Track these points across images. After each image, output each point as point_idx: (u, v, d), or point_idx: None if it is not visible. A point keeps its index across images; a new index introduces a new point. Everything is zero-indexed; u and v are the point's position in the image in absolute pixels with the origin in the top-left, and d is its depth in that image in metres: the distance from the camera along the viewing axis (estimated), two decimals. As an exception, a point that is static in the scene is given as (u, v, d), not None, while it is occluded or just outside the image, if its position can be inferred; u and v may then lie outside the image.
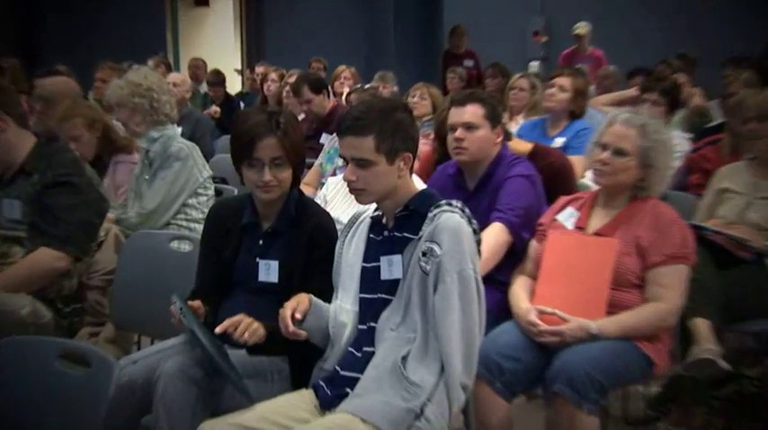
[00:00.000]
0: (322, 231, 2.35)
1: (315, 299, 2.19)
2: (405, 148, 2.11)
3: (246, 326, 2.13)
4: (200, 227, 3.48)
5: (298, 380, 2.24)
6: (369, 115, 2.07)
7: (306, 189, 3.95)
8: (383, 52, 8.91)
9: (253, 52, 11.12)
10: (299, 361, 2.27)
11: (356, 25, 9.75)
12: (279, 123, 2.27)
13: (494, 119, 2.93)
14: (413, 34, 8.93)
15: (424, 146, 4.30)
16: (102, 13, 10.81)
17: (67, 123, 3.58)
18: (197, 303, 2.24)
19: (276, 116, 2.29)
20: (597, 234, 2.62)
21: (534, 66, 8.86)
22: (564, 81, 4.24)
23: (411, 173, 2.18)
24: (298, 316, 2.09)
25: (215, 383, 2.12)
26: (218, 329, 2.13)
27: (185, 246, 3.07)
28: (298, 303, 2.13)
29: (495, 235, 2.79)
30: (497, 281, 2.77)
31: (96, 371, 1.94)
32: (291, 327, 2.08)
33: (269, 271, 2.34)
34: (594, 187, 2.86)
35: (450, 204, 2.08)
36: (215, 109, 6.98)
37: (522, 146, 3.35)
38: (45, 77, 4.22)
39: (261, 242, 2.38)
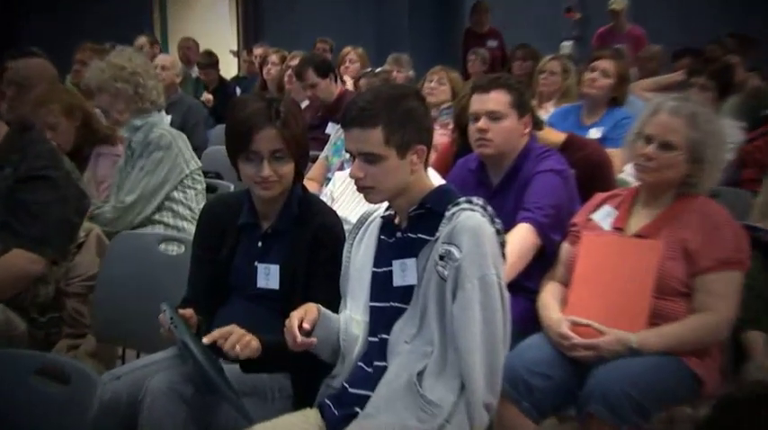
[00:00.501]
0: (328, 232, 2.35)
1: (324, 310, 2.20)
2: (418, 140, 2.11)
3: (238, 339, 2.11)
4: (189, 225, 3.50)
5: (302, 399, 2.25)
6: (376, 104, 2.07)
7: (310, 185, 3.96)
8: (396, 32, 8.92)
9: (250, 31, 11.14)
10: (304, 377, 2.28)
11: (366, 1, 9.76)
12: (279, 112, 2.28)
13: (521, 107, 2.93)
14: (430, 11, 8.95)
15: (442, 137, 4.31)
16: (81, -14, 10.87)
17: (43, 109, 3.58)
18: (189, 312, 2.25)
19: (276, 104, 2.30)
20: (638, 235, 2.61)
21: (567, 46, 8.84)
22: (607, 65, 4.23)
23: (426, 167, 2.18)
24: (306, 326, 2.09)
25: (208, 401, 2.13)
26: (205, 340, 2.12)
27: (176, 248, 3.09)
28: (306, 312, 2.14)
29: (522, 236, 2.79)
30: (524, 288, 2.77)
31: (76, 389, 1.94)
32: (300, 338, 2.07)
33: (269, 276, 2.35)
34: (635, 183, 2.85)
35: (470, 202, 2.08)
36: (207, 97, 7.00)
37: (553, 136, 3.34)
38: (18, 59, 4.23)
39: (260, 244, 2.39)
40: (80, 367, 1.98)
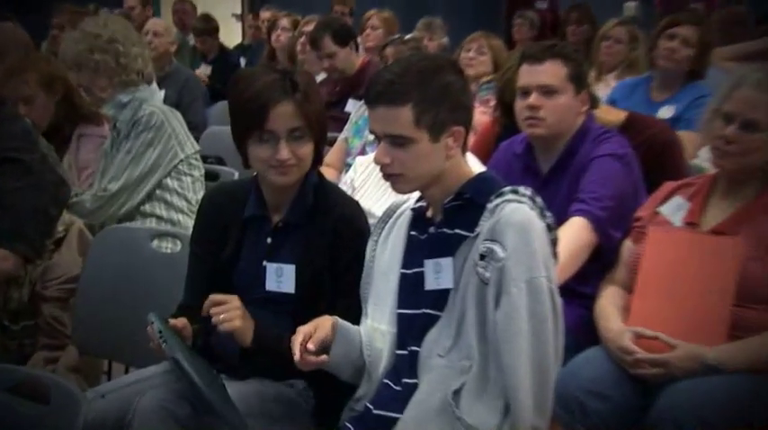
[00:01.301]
0: (349, 226, 2.37)
1: (342, 323, 2.21)
2: (454, 121, 2.11)
3: (228, 310, 2.19)
4: (185, 219, 3.53)
5: (322, 422, 2.26)
6: (405, 78, 2.08)
7: (327, 172, 3.97)
8: (428, -9, 8.91)
9: (257, -8, 11.18)
10: (324, 395, 2.29)
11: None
12: (296, 84, 2.29)
13: (579, 80, 2.93)
14: (468, -33, 8.92)
15: (483, 115, 4.31)
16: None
17: (16, 79, 3.59)
18: (181, 322, 2.27)
19: (291, 75, 2.31)
20: (715, 232, 2.60)
21: (630, 7, 8.77)
22: (688, 31, 4.21)
23: (464, 152, 2.18)
24: (310, 346, 2.11)
25: (205, 422, 2.14)
26: (204, 308, 2.20)
27: (170, 246, 3.10)
28: (316, 328, 2.15)
29: (576, 233, 2.79)
30: (579, 293, 2.77)
31: (58, 409, 1.94)
32: (299, 356, 2.10)
33: (281, 277, 2.36)
34: (711, 170, 2.83)
35: (516, 192, 2.08)
36: (203, 72, 6.98)
37: (612, 114, 3.33)
38: None
39: (269, 240, 2.40)
40: (61, 384, 1.97)
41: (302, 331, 2.13)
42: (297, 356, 2.10)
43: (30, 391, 2.01)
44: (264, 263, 2.39)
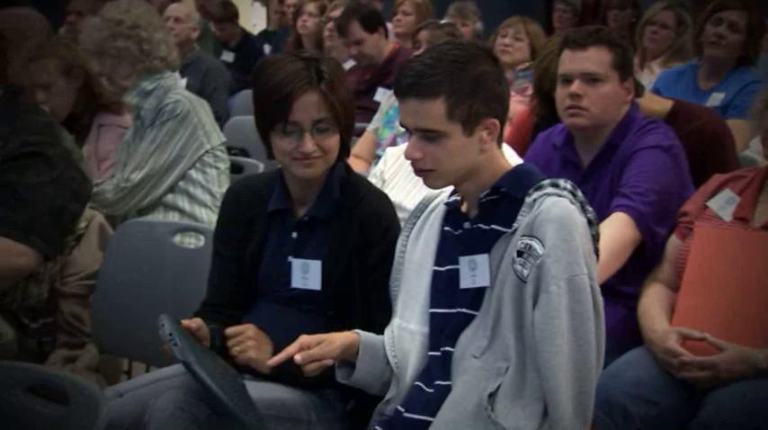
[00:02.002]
0: (378, 220, 2.37)
1: (366, 339, 2.22)
2: (488, 113, 2.11)
3: (242, 341, 2.27)
4: (209, 214, 3.54)
5: (351, 425, 2.27)
6: (436, 69, 2.07)
7: (356, 163, 3.97)
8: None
9: (282, -25, 11.18)
10: (354, 397, 2.31)
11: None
12: (322, 73, 2.29)
13: (624, 68, 2.90)
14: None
15: (519, 104, 4.29)
16: None
17: (35, 65, 3.63)
18: (196, 322, 2.27)
19: (317, 63, 2.31)
20: (766, 228, 2.59)
21: (678, -10, 8.72)
22: (736, 16, 4.18)
23: (500, 144, 2.18)
24: (297, 358, 2.11)
25: (225, 425, 2.15)
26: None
27: (193, 241, 3.12)
28: (318, 342, 2.15)
29: (618, 229, 2.78)
30: (621, 292, 2.77)
31: (78, 410, 1.94)
32: (274, 361, 2.15)
33: (307, 274, 2.37)
34: (763, 162, 2.81)
35: (556, 185, 2.07)
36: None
37: (657, 103, 3.31)
38: (1, 10, 4.28)
39: (294, 235, 2.41)
40: (81, 384, 1.98)
41: (301, 341, 2.14)
42: (271, 361, 2.16)
43: (49, 391, 2.02)
44: (290, 258, 2.40)
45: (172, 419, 2.11)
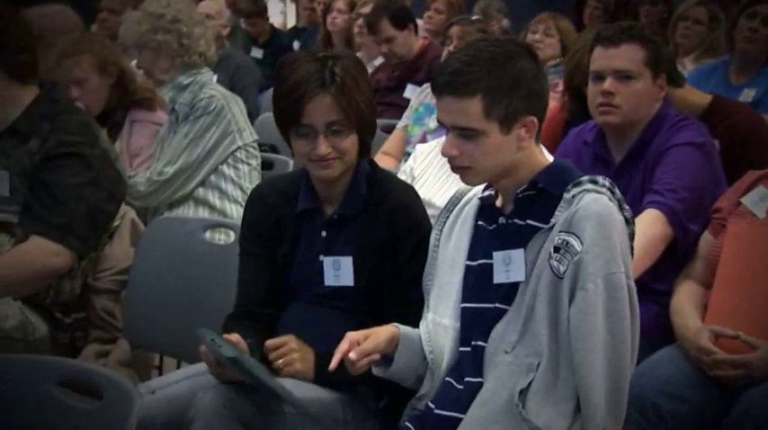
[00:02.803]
0: (406, 215, 2.37)
1: (404, 333, 2.23)
2: (527, 110, 2.10)
3: (285, 354, 2.26)
4: (239, 210, 3.55)
5: (385, 420, 2.28)
6: (474, 67, 2.06)
7: (385, 161, 3.98)
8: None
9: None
10: (389, 394, 2.31)
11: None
12: (334, 74, 2.28)
13: (656, 65, 2.88)
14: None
15: (550, 101, 4.27)
16: None
17: (70, 61, 3.65)
18: (235, 337, 2.24)
19: (332, 63, 2.30)
20: (801, 225, 2.57)
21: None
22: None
23: (538, 141, 2.17)
24: (352, 356, 2.12)
25: (270, 423, 2.16)
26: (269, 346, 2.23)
27: (224, 237, 3.12)
28: (366, 337, 2.16)
29: (651, 226, 2.76)
30: (653, 290, 2.76)
31: (111, 405, 1.95)
32: (333, 365, 2.13)
33: (339, 271, 2.37)
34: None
35: (595, 182, 2.07)
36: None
37: (697, 96, 3.29)
38: (34, 6, 4.30)
39: (324, 234, 2.41)
40: (115, 378, 1.99)
41: (349, 338, 2.14)
42: (332, 365, 2.12)
43: (82, 385, 2.03)
44: (321, 257, 2.40)
45: (216, 416, 2.12)
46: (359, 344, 2.14)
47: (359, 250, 2.37)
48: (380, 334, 2.19)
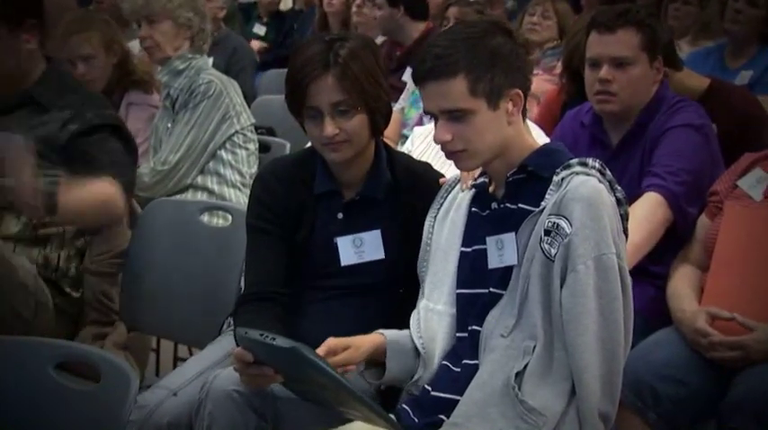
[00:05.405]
0: (430, 189, 2.38)
1: (391, 337, 2.24)
2: (510, 83, 2.11)
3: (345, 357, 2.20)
4: (238, 194, 3.56)
5: (382, 403, 2.29)
6: (452, 50, 2.07)
7: (382, 143, 3.97)
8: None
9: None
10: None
11: None
12: (338, 56, 2.29)
13: (653, 48, 2.87)
14: None
15: (547, 83, 4.27)
16: None
17: (78, 37, 3.67)
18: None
19: (338, 45, 2.30)
20: (797, 207, 2.58)
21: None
22: None
23: (524, 117, 2.18)
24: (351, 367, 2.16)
25: (282, 410, 2.18)
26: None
27: (221, 221, 3.13)
28: (345, 348, 2.17)
29: (649, 209, 2.76)
30: (650, 273, 2.76)
31: (109, 387, 1.97)
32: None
33: (362, 247, 2.38)
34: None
35: (584, 164, 2.07)
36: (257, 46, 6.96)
37: (696, 79, 3.29)
38: None
39: (340, 215, 2.42)
40: (112, 361, 2.00)
41: (328, 345, 2.15)
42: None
43: (80, 368, 2.04)
44: (336, 239, 2.40)
45: (228, 400, 2.13)
46: (335, 354, 2.15)
47: (387, 224, 2.39)
48: (362, 344, 2.21)
